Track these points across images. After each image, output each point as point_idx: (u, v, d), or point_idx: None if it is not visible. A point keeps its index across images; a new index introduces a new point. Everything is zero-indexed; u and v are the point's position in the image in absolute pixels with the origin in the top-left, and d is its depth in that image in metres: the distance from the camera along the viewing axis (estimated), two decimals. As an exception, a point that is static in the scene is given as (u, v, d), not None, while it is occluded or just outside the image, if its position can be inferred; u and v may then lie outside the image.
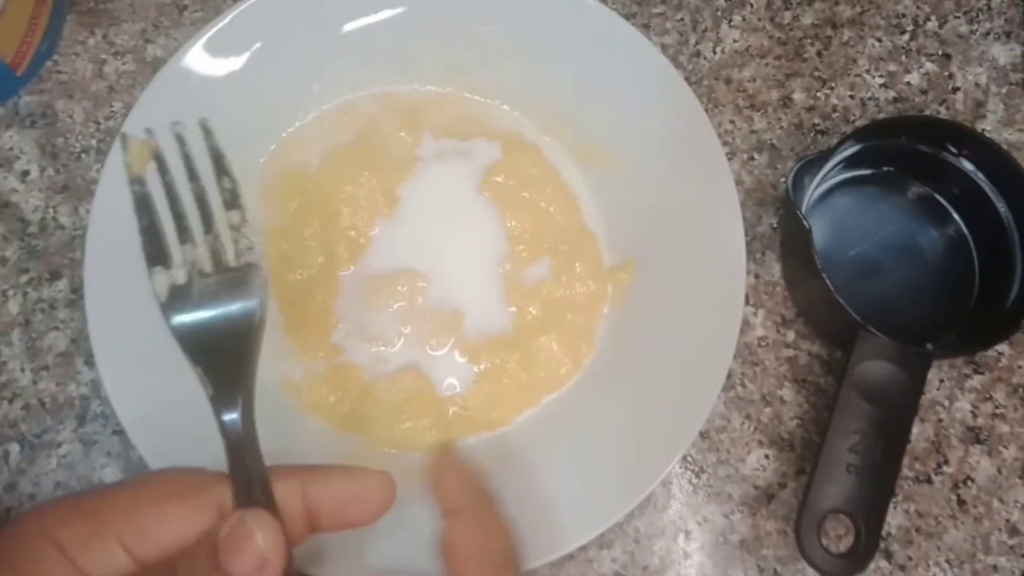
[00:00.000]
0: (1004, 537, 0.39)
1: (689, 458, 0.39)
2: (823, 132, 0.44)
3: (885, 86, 0.45)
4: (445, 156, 0.41)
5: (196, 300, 0.27)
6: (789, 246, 0.42)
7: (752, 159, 0.44)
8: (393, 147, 0.41)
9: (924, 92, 0.45)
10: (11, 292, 0.40)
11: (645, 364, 0.37)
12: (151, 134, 0.30)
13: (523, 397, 0.38)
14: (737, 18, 0.46)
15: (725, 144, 0.43)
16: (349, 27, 0.40)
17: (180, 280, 0.27)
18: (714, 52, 0.45)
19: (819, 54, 0.46)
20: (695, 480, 0.39)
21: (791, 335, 0.41)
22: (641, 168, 0.40)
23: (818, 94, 0.45)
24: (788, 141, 0.44)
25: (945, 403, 0.40)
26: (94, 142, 0.42)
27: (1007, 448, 0.40)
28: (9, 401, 0.38)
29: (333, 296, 0.38)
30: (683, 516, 0.39)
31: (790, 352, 0.41)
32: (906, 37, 0.46)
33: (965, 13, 0.47)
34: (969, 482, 0.39)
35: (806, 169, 0.39)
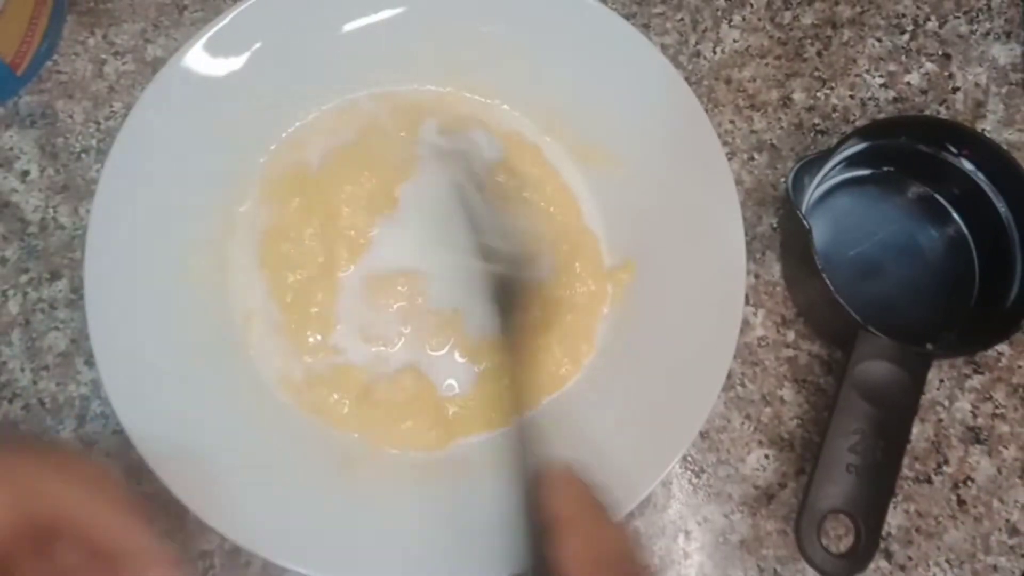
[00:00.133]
0: (1004, 537, 0.39)
1: (689, 458, 0.39)
2: (823, 132, 0.44)
3: (885, 86, 0.45)
4: (445, 156, 0.41)
5: None
6: (789, 246, 0.42)
7: (752, 159, 0.44)
8: (393, 147, 0.41)
9: (924, 92, 0.45)
10: (11, 292, 0.40)
11: (645, 364, 0.37)
12: None
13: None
14: (737, 18, 0.46)
15: (725, 144, 0.43)
16: (349, 27, 0.40)
17: None
18: (714, 52, 0.45)
19: (819, 54, 0.46)
20: (695, 480, 0.39)
21: (791, 335, 0.41)
22: (641, 168, 0.40)
23: (818, 94, 0.45)
24: (788, 141, 0.44)
25: (945, 403, 0.40)
26: (94, 142, 0.42)
27: (1007, 448, 0.40)
28: (9, 401, 0.38)
29: (333, 296, 0.38)
30: (683, 516, 0.39)
31: (790, 352, 0.41)
32: (906, 37, 0.46)
33: (965, 13, 0.46)
34: (969, 482, 0.39)
35: (806, 169, 0.39)
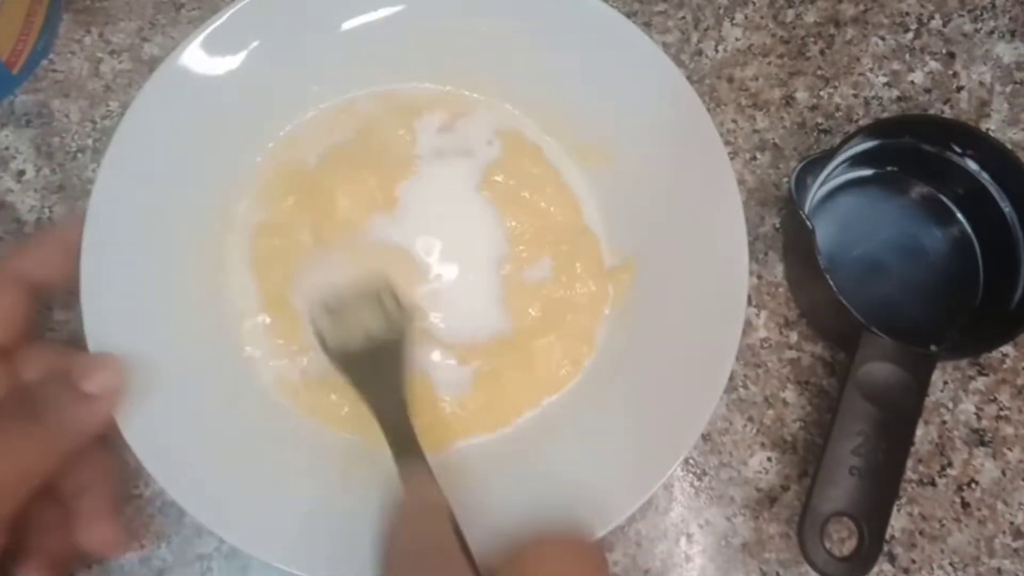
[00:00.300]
0: (1008, 540, 0.38)
1: (691, 460, 0.39)
2: (826, 131, 0.44)
3: (889, 85, 0.45)
4: (444, 155, 0.41)
5: None
6: (792, 246, 0.41)
7: (754, 159, 0.43)
8: (392, 146, 0.40)
9: (928, 91, 0.45)
10: (7, 293, 0.39)
11: (646, 365, 0.37)
12: None
13: (523, 398, 0.38)
14: (739, 16, 0.46)
15: (727, 143, 0.43)
16: (347, 25, 0.40)
17: None
18: (716, 51, 0.45)
19: (822, 53, 0.45)
20: (697, 483, 0.39)
21: (794, 336, 0.41)
22: (642, 168, 0.39)
23: (821, 93, 0.45)
24: (791, 140, 0.44)
25: (949, 405, 0.40)
26: (90, 141, 0.42)
27: (1011, 450, 0.40)
28: (5, 403, 0.38)
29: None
30: (685, 519, 0.38)
31: (793, 353, 0.41)
32: (910, 36, 0.46)
33: (969, 11, 0.46)
34: (973, 484, 0.39)
35: (809, 169, 0.39)
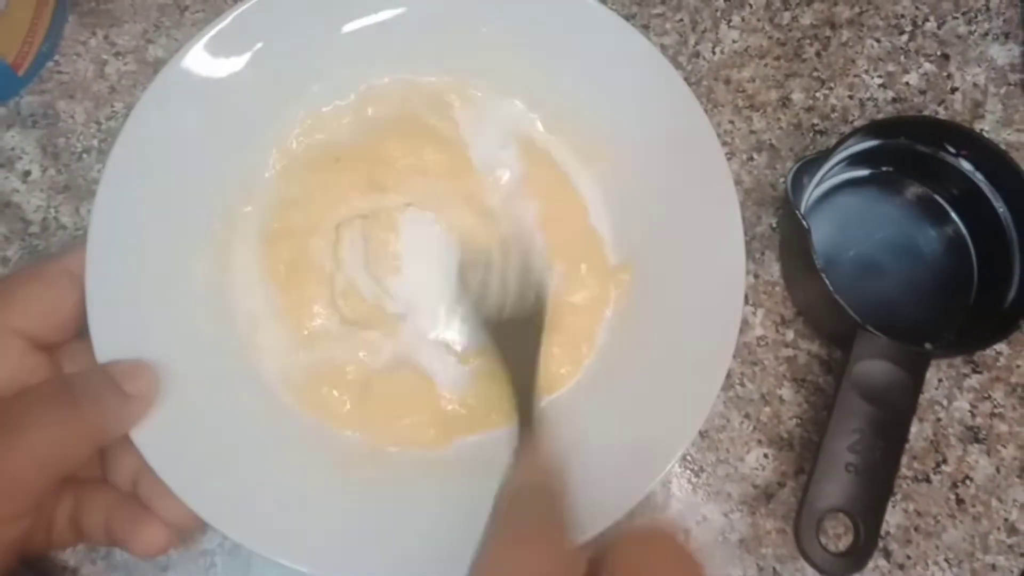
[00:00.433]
0: (1002, 536, 0.39)
1: (688, 457, 0.39)
2: (822, 132, 0.44)
3: (884, 86, 0.45)
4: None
5: None
6: (788, 246, 0.42)
7: (751, 159, 0.44)
8: (433, 126, 0.41)
9: (923, 92, 0.45)
10: (13, 292, 0.40)
11: (645, 364, 0.37)
12: None
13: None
14: (736, 19, 0.46)
15: (724, 144, 0.43)
16: (349, 27, 0.40)
17: None
18: (713, 53, 0.46)
19: (818, 54, 0.46)
20: (694, 479, 0.39)
21: (790, 335, 0.41)
22: (642, 169, 0.40)
23: (817, 94, 0.45)
24: (787, 141, 0.44)
25: (944, 402, 0.40)
26: (95, 142, 0.43)
27: (1005, 447, 0.40)
28: (11, 400, 0.38)
29: (334, 293, 0.38)
30: (683, 515, 0.39)
31: (789, 352, 0.41)
32: (905, 38, 0.46)
33: (964, 14, 0.47)
34: (968, 481, 0.39)
35: (805, 169, 0.39)
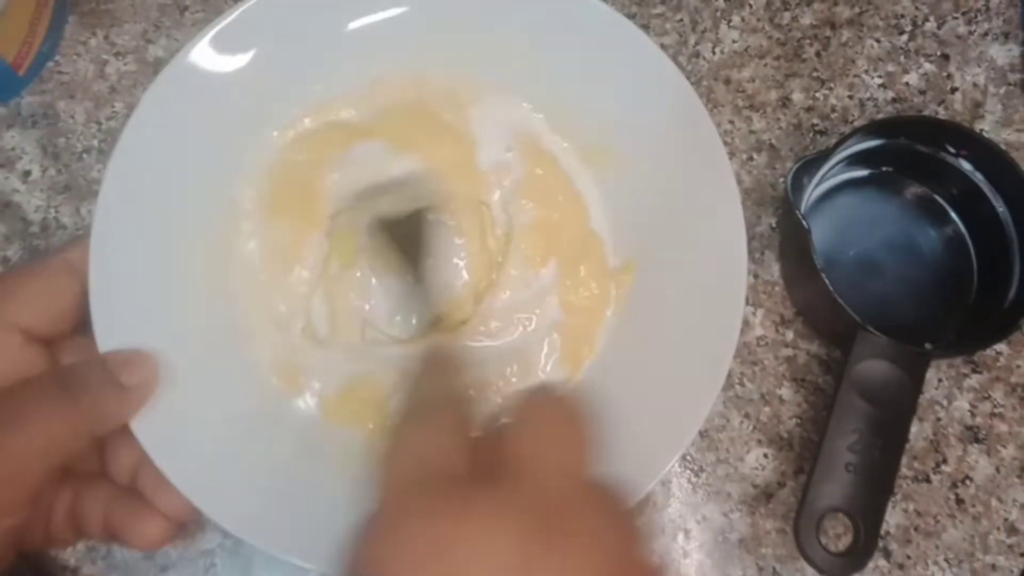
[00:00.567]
0: (1002, 536, 0.39)
1: (688, 457, 0.39)
2: (822, 132, 0.44)
3: (884, 86, 0.45)
4: None
5: None
6: (788, 246, 0.42)
7: (751, 159, 0.44)
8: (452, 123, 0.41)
9: (923, 92, 0.45)
10: (13, 292, 0.40)
11: (645, 364, 0.37)
12: None
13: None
14: (736, 19, 0.46)
15: (724, 144, 0.43)
16: (354, 25, 0.40)
17: None
18: (713, 53, 0.46)
19: (818, 55, 0.46)
20: (694, 479, 0.39)
21: (790, 335, 0.41)
22: (644, 169, 0.40)
23: (817, 94, 0.45)
24: (787, 141, 0.44)
25: (944, 402, 0.41)
26: (96, 142, 0.43)
27: (1005, 447, 0.40)
28: (11, 400, 0.38)
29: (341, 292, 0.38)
30: (682, 515, 0.39)
31: (789, 351, 0.41)
32: (904, 38, 0.46)
33: (964, 14, 0.47)
34: (967, 481, 0.39)
35: (805, 169, 0.39)
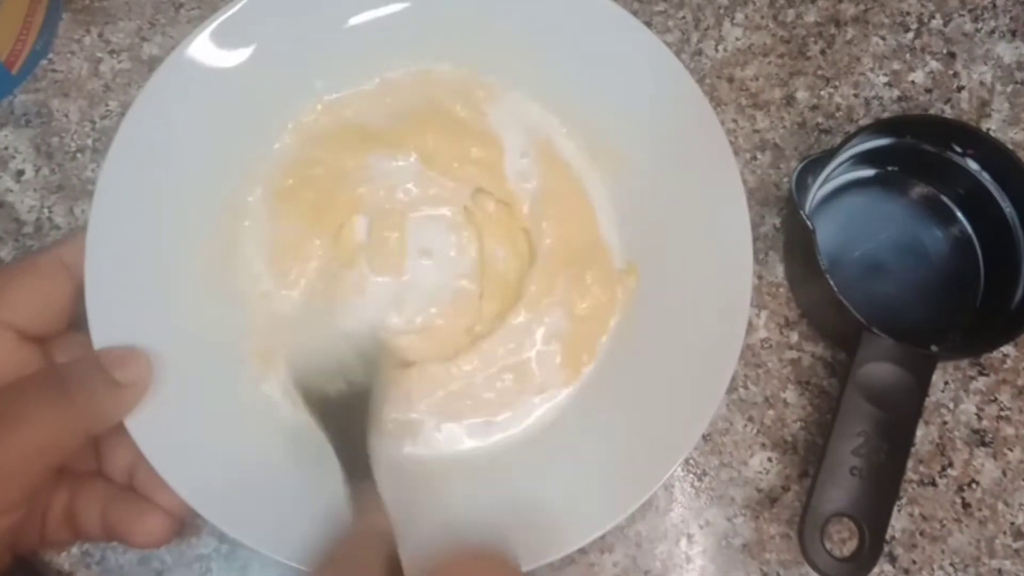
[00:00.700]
0: (1009, 540, 0.38)
1: (691, 461, 0.39)
2: (827, 131, 0.44)
3: (889, 85, 0.45)
4: None
5: None
6: (792, 247, 0.41)
7: (755, 159, 0.43)
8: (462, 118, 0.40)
9: (928, 91, 0.45)
10: (6, 293, 0.39)
11: (648, 367, 0.37)
12: None
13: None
14: (740, 16, 0.46)
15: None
16: (355, 21, 0.39)
17: None
18: (716, 50, 0.45)
19: (822, 52, 0.45)
20: (697, 483, 0.39)
21: (794, 337, 0.41)
22: (651, 170, 0.39)
23: (821, 93, 0.44)
24: (791, 140, 0.44)
25: (950, 405, 0.40)
26: (90, 141, 0.42)
27: (1012, 450, 0.40)
28: (4, 403, 0.38)
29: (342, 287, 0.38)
30: (685, 519, 0.38)
31: (793, 354, 0.41)
32: (910, 35, 0.46)
33: (970, 11, 0.46)
34: (974, 485, 0.39)
35: (809, 169, 0.38)
